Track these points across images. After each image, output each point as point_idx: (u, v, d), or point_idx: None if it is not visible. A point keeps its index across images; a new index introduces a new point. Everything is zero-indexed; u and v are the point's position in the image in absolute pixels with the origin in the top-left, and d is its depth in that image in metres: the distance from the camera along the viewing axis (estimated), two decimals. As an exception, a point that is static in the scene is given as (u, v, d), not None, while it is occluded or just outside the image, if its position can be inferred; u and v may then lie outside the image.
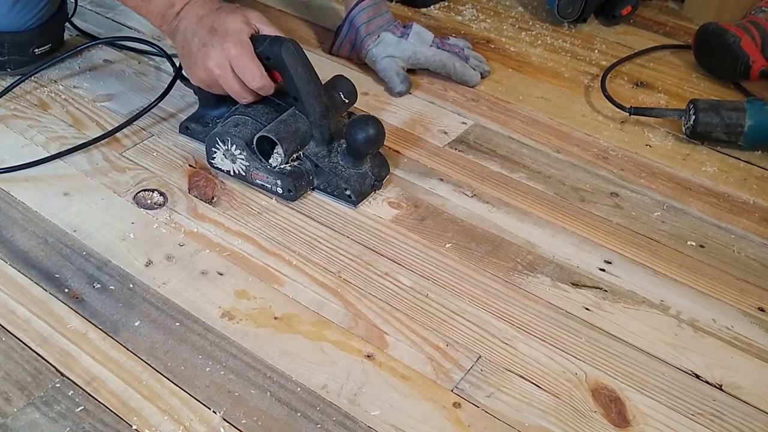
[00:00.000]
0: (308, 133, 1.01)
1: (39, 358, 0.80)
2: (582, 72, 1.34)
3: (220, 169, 1.05)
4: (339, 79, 1.07)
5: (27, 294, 0.86)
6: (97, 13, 1.41)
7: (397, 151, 1.12)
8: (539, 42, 1.42)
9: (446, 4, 1.52)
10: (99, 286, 0.88)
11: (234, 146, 1.01)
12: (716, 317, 0.89)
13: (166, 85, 1.14)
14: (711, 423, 0.78)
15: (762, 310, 0.91)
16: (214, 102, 1.08)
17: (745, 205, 1.07)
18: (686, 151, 1.16)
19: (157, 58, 1.27)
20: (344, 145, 1.01)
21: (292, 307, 0.87)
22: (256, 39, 0.99)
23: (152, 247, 0.93)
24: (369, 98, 1.22)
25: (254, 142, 0.99)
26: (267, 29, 1.01)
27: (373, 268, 0.93)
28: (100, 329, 0.83)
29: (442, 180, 1.07)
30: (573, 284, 0.92)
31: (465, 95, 1.25)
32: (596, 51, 1.40)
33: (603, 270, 0.94)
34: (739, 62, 1.27)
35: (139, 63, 1.27)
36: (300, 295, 0.88)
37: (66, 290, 0.87)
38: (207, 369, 0.80)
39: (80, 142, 1.07)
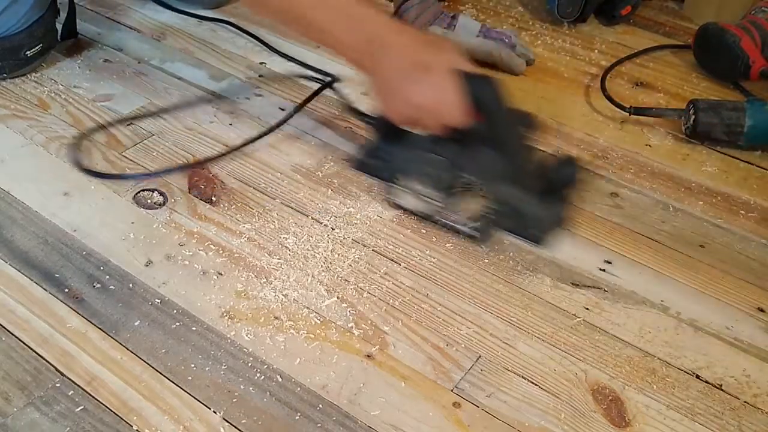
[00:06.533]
0: (504, 175, 0.95)
1: (39, 357, 0.80)
2: (582, 72, 1.34)
3: (400, 206, 1.00)
4: (526, 116, 1.00)
5: (27, 294, 0.86)
6: (97, 13, 1.41)
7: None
8: (539, 42, 1.41)
9: (446, 4, 1.51)
10: (99, 285, 0.88)
11: (424, 186, 0.98)
12: (716, 317, 0.89)
13: (166, 85, 1.13)
14: (711, 423, 0.78)
15: (762, 310, 0.91)
16: (395, 136, 1.02)
17: (745, 205, 1.07)
18: (686, 151, 1.16)
19: (156, 58, 1.28)
20: (534, 186, 0.96)
21: (292, 307, 0.87)
22: (462, 76, 0.92)
23: (152, 247, 0.93)
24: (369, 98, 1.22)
25: (452, 186, 0.96)
26: (467, 66, 0.95)
27: (373, 268, 0.93)
28: (100, 329, 0.83)
29: (442, 180, 1.07)
30: (573, 284, 0.92)
31: (465, 95, 1.25)
32: (596, 51, 1.40)
33: (603, 270, 0.94)
34: (739, 62, 1.27)
35: (139, 63, 1.27)
36: (300, 295, 0.88)
37: (66, 290, 0.87)
38: (207, 369, 0.80)
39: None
